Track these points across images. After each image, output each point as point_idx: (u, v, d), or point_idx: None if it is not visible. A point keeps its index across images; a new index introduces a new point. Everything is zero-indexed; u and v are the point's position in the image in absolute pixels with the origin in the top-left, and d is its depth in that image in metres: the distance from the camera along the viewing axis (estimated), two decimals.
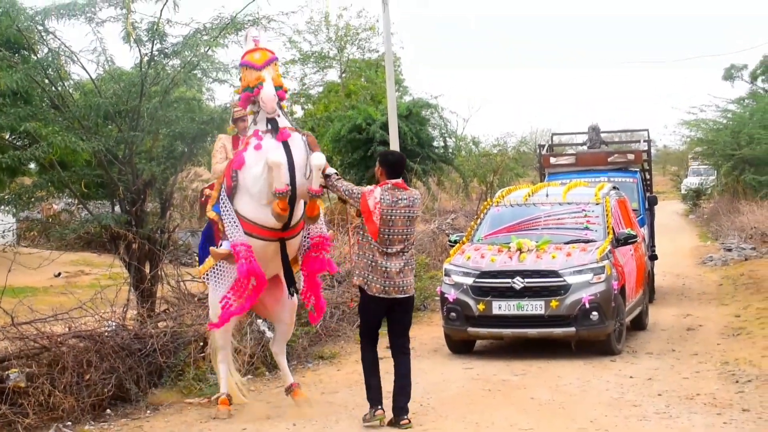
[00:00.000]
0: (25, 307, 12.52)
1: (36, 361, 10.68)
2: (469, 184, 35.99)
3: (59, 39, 13.96)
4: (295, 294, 10.41)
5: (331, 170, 9.54)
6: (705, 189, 49.41)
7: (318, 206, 9.82)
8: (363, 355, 9.80)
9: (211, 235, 9.88)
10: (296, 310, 11.28)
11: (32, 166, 15.09)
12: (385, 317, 9.98)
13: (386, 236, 9.07)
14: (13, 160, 13.86)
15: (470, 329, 13.89)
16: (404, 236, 9.14)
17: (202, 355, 12.32)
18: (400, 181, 9.48)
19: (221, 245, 9.58)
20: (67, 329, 11.47)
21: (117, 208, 14.39)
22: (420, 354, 14.15)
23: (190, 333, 12.53)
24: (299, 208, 9.70)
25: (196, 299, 14.46)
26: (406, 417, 9.31)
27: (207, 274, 10.24)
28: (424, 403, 10.35)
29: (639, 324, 16.18)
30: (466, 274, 13.94)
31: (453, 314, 13.75)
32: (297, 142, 9.57)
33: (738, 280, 23.41)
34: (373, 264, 9.19)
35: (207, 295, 10.82)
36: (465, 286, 13.79)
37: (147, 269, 14.19)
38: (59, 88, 13.93)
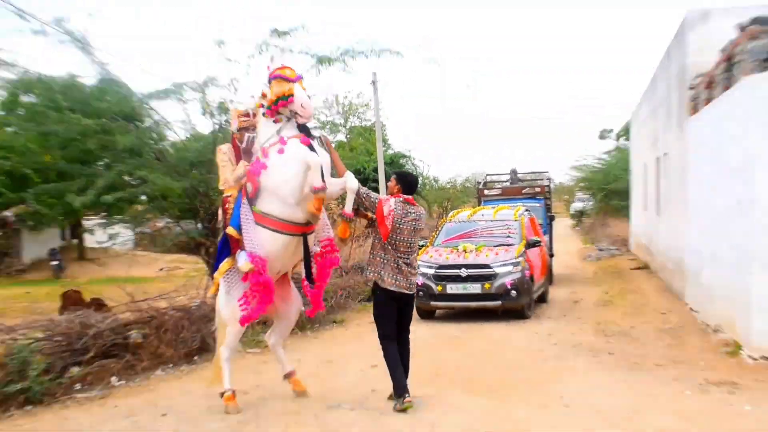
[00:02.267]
0: (141, 291, 12.63)
1: (148, 325, 10.72)
2: (431, 207, 36.35)
3: (159, 113, 13.99)
4: (311, 283, 8.54)
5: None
6: (586, 210, 49.72)
7: (349, 229, 8.08)
8: (387, 351, 8.04)
9: (227, 242, 7.99)
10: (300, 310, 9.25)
11: (143, 198, 15.04)
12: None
13: (393, 241, 7.86)
14: (131, 194, 13.93)
15: (432, 303, 14.11)
16: (408, 244, 7.93)
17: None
18: (411, 197, 8.22)
19: (239, 256, 7.77)
20: (168, 305, 11.53)
21: (199, 225, 14.41)
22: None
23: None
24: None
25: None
26: (408, 396, 7.86)
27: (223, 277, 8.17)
28: None
29: (543, 299, 16.24)
30: (430, 267, 14.10)
31: (421, 293, 13.64)
32: (317, 146, 7.97)
33: (606, 270, 23.53)
34: (385, 261, 7.89)
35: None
36: (429, 275, 13.97)
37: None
38: (160, 146, 13.98)
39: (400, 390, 7.88)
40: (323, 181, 7.57)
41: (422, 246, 16.04)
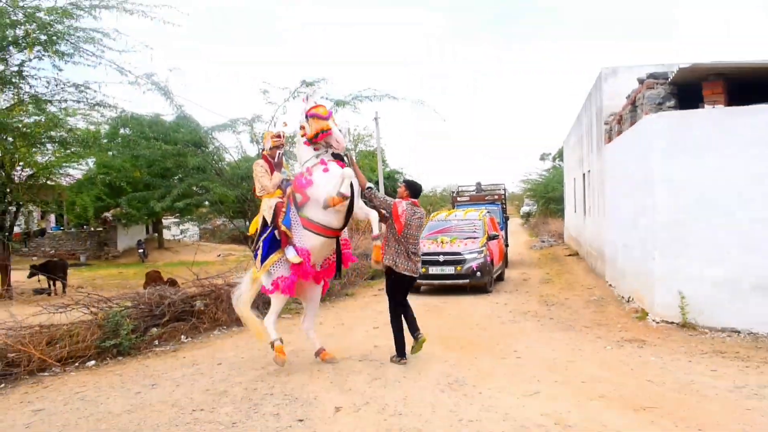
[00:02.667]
0: (204, 271, 12.56)
1: (208, 297, 10.65)
2: None
3: (219, 141, 14.03)
4: (340, 276, 8.55)
5: (369, 185, 7.67)
6: (532, 212, 49.65)
7: (381, 256, 7.71)
8: (395, 320, 7.79)
9: (273, 239, 7.52)
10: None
11: (206, 203, 15.06)
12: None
13: (405, 235, 7.55)
14: (197, 200, 14.08)
15: (419, 281, 13.75)
16: (415, 237, 7.67)
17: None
18: (416, 200, 7.96)
19: (288, 250, 7.41)
20: (223, 281, 11.44)
21: (247, 223, 14.37)
22: (378, 296, 14.00)
23: None
24: (347, 218, 7.60)
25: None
26: (420, 334, 7.80)
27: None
28: (385, 317, 10.34)
29: (500, 278, 16.14)
30: None
31: None
32: (349, 171, 7.47)
33: (547, 256, 23.43)
34: (399, 251, 7.57)
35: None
36: None
37: None
38: (219, 165, 13.99)
39: (402, 352, 7.73)
40: (351, 192, 7.31)
41: None
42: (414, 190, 7.97)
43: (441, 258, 13.86)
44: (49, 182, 16.09)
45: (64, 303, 9.73)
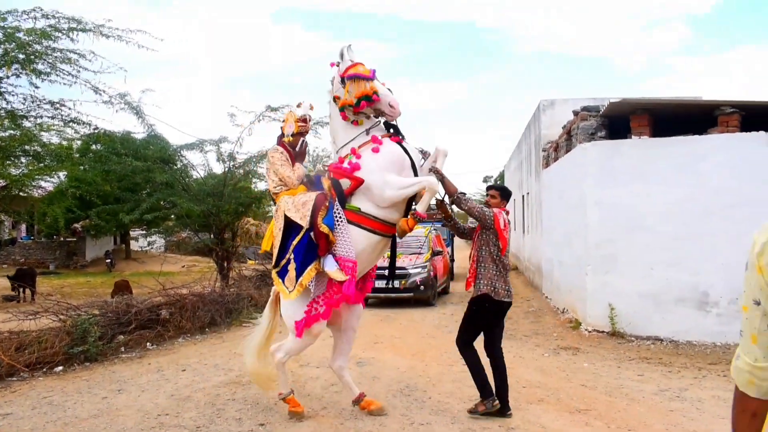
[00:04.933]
0: (169, 281, 12.28)
1: (173, 306, 10.37)
2: None
3: (187, 159, 13.81)
4: (392, 280, 6.30)
5: (460, 190, 5.57)
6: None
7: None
8: (471, 357, 5.75)
9: (310, 245, 5.17)
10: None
11: (173, 216, 14.76)
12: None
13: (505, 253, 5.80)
14: (164, 214, 13.84)
15: (368, 294, 13.58)
16: (507, 251, 5.82)
17: (251, 303, 12.13)
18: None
19: (327, 262, 5.17)
20: (188, 291, 11.20)
21: (211, 236, 14.15)
22: None
23: (244, 294, 12.34)
24: (408, 207, 5.51)
25: (247, 279, 14.25)
26: (510, 411, 5.69)
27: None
28: None
29: (446, 291, 16.22)
30: None
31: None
32: (408, 144, 5.50)
33: None
34: (499, 273, 5.63)
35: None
36: None
37: (225, 264, 13.96)
38: (186, 181, 13.76)
39: (489, 392, 5.68)
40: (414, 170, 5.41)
41: None
42: (507, 196, 6.11)
43: (386, 272, 13.58)
44: (21, 194, 15.60)
45: (34, 310, 9.37)
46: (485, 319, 5.79)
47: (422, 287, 13.61)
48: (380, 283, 13.47)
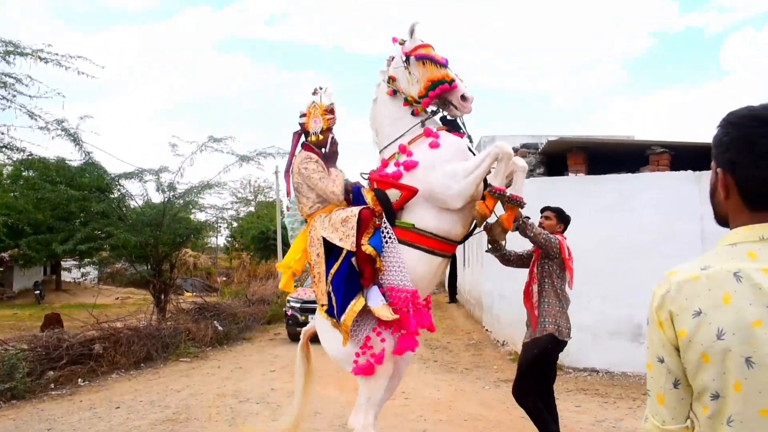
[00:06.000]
0: (103, 314, 11.90)
1: (107, 340, 10.06)
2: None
3: (125, 188, 13.53)
4: (453, 299, 5.38)
5: (525, 216, 4.71)
6: None
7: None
8: (536, 407, 4.79)
9: (352, 273, 4.10)
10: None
11: (108, 247, 14.38)
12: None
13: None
14: (99, 244, 13.49)
15: (298, 329, 12.84)
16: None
17: (189, 337, 11.86)
18: None
19: (371, 295, 4.08)
20: (122, 325, 10.87)
21: (149, 267, 13.83)
22: (274, 340, 13.91)
23: (182, 328, 12.06)
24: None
25: (185, 312, 13.93)
26: None
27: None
28: (281, 360, 10.18)
29: None
30: (297, 302, 13.05)
31: (290, 321, 13.03)
32: (466, 142, 4.48)
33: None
34: (561, 309, 4.93)
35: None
36: (296, 308, 12.99)
37: (162, 297, 13.61)
38: (123, 211, 13.46)
39: None
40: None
41: (295, 286, 15.75)
42: (565, 220, 5.37)
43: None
44: None
45: None
46: (548, 362, 4.98)
47: None
48: (312, 318, 13.22)
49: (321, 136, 4.42)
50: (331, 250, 4.23)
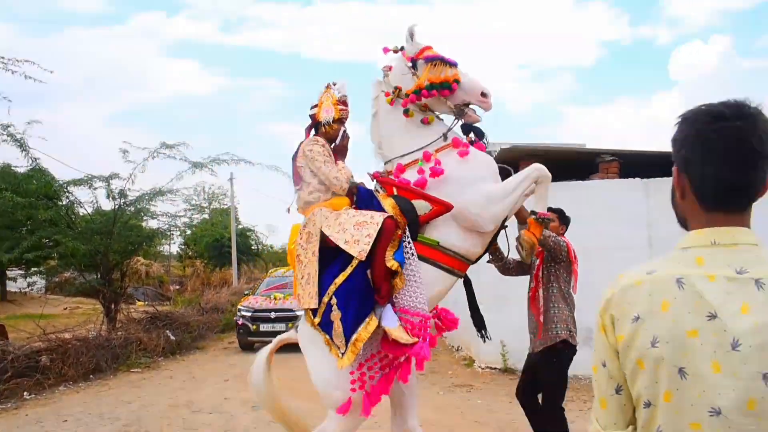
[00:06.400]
0: (50, 325, 11.59)
1: (55, 352, 9.80)
2: (268, 266, 35.52)
3: (74, 195, 13.22)
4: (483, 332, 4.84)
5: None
6: None
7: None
8: (564, 424, 4.64)
9: (367, 288, 3.57)
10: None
11: (56, 255, 14.01)
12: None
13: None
14: (47, 253, 13.19)
15: (249, 338, 13.04)
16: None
17: (140, 347, 11.63)
18: None
19: (386, 315, 3.56)
20: (71, 336, 10.61)
21: (99, 276, 13.52)
22: (228, 349, 13.80)
23: (133, 338, 11.82)
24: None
25: (136, 322, 13.64)
26: None
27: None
28: (235, 369, 10.11)
29: None
30: (248, 311, 13.10)
31: (241, 330, 13.00)
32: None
33: None
34: (570, 313, 4.68)
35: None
36: (247, 316, 12.99)
37: (113, 306, 13.29)
38: (72, 218, 13.14)
39: None
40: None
41: (246, 294, 15.64)
42: (567, 221, 5.20)
43: (272, 315, 13.07)
44: None
45: None
46: (564, 368, 4.70)
47: None
48: (265, 327, 13.03)
49: (332, 127, 4.04)
50: (325, 253, 3.74)
